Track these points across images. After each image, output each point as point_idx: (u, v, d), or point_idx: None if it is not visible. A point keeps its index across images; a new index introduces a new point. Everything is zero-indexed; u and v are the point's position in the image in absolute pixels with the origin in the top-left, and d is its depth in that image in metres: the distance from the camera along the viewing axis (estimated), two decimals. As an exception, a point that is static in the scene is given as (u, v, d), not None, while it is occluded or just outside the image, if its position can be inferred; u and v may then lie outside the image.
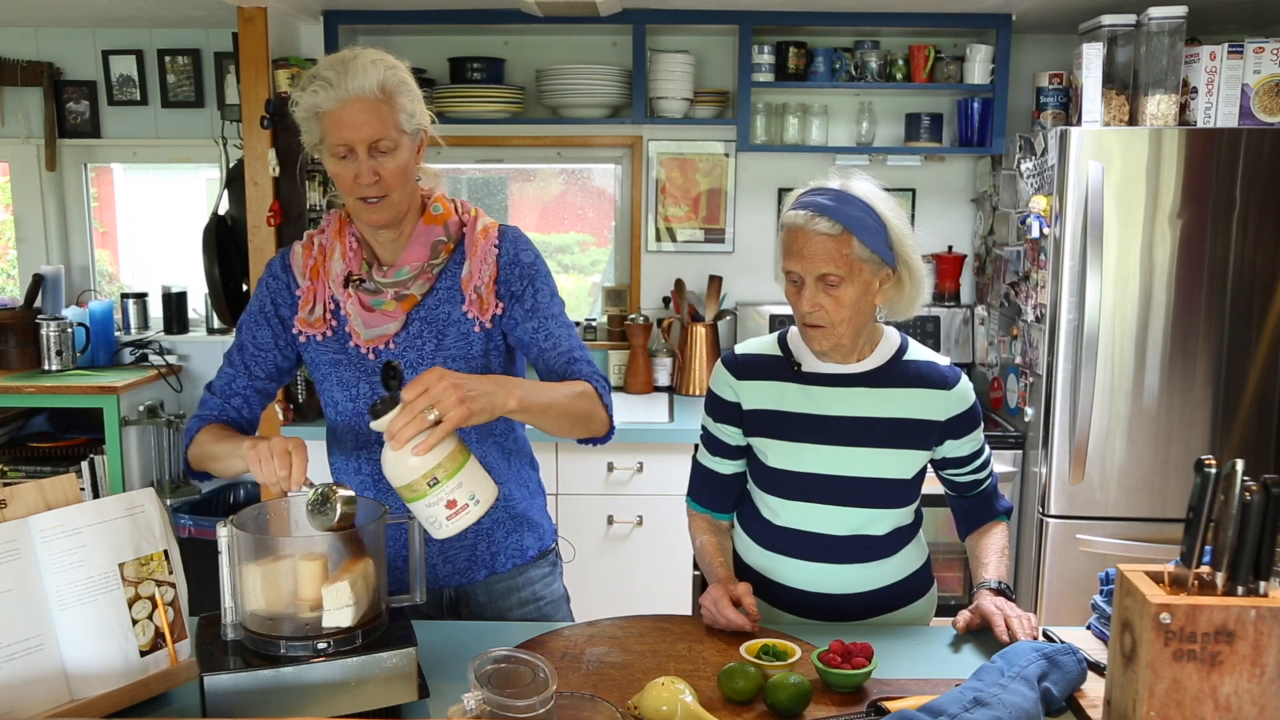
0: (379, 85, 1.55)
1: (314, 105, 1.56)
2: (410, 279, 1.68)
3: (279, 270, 1.76)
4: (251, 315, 1.76)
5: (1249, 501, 1.15)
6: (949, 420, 1.75)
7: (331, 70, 1.55)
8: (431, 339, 1.70)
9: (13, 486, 1.37)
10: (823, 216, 1.61)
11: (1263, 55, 2.97)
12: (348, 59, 1.55)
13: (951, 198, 3.73)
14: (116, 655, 1.39)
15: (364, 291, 1.69)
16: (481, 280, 1.69)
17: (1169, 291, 2.96)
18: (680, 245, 3.75)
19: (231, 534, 1.37)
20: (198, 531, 3.34)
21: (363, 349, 1.70)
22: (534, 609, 1.82)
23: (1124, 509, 3.03)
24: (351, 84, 1.53)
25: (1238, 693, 1.16)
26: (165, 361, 3.80)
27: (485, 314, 1.69)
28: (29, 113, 3.82)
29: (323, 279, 1.71)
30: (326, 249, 1.72)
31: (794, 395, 1.74)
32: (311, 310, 1.71)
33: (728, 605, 1.64)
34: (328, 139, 1.58)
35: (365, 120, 1.55)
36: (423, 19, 3.41)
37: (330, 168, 1.61)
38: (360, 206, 1.62)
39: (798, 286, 1.66)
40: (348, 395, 1.72)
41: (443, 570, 1.76)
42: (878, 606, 1.78)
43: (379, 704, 1.35)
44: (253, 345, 1.74)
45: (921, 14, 3.36)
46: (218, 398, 1.74)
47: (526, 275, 1.72)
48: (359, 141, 1.56)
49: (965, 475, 1.83)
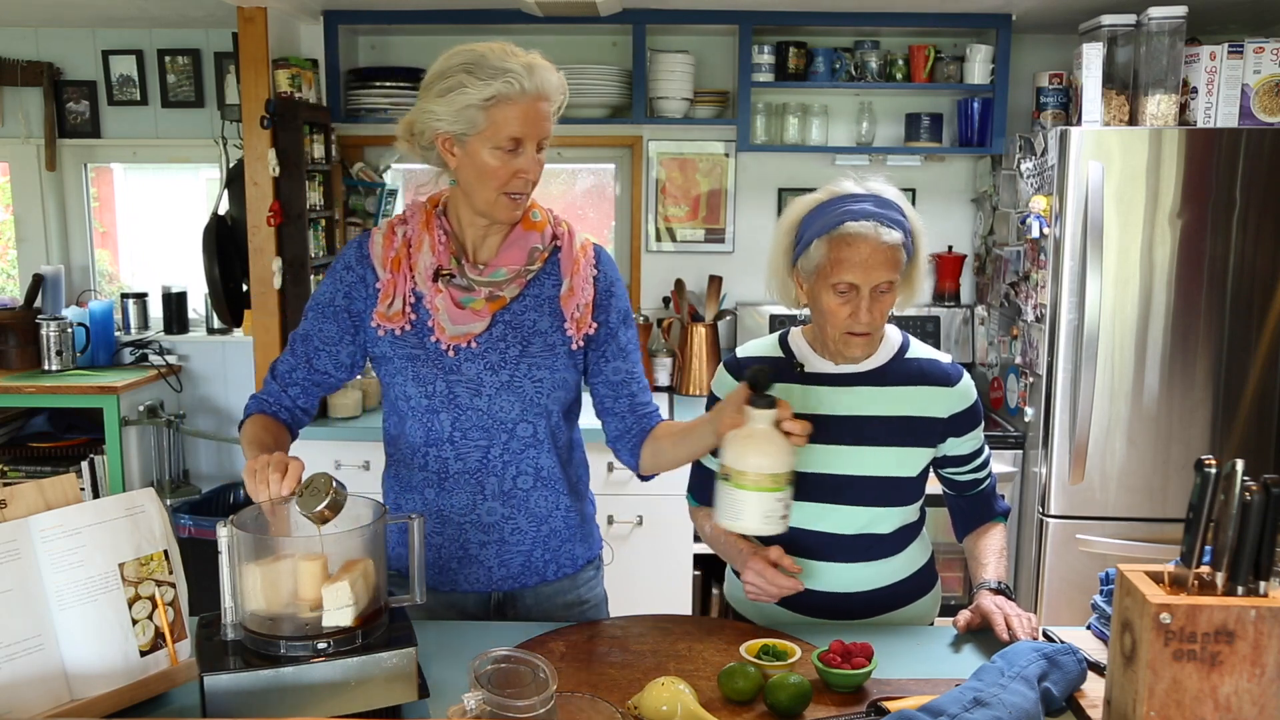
0: (558, 86, 1.62)
1: (502, 94, 1.55)
2: (506, 281, 1.67)
3: (353, 261, 1.71)
4: (319, 306, 1.72)
5: (1249, 501, 1.15)
6: (951, 417, 1.75)
7: (519, 65, 1.56)
8: (516, 344, 1.68)
9: (13, 486, 1.37)
10: (885, 225, 1.62)
11: (1263, 55, 2.97)
12: (531, 61, 1.58)
13: (951, 198, 3.73)
14: (116, 655, 1.39)
15: (455, 287, 1.66)
16: (583, 300, 1.70)
17: (1169, 291, 2.96)
18: (680, 245, 3.75)
19: (231, 534, 1.37)
20: (198, 531, 3.33)
21: (444, 345, 1.66)
22: (578, 611, 1.81)
23: (1124, 509, 3.03)
24: (542, 82, 1.58)
25: (1238, 693, 1.16)
26: (165, 361, 3.80)
27: (580, 333, 1.70)
28: (29, 113, 3.82)
29: (405, 271, 1.67)
30: (413, 240, 1.68)
31: (798, 396, 1.74)
32: (391, 304, 1.67)
33: (775, 573, 1.64)
34: (501, 130, 1.56)
35: (544, 117, 1.59)
36: (423, 19, 3.41)
37: (486, 159, 1.58)
38: (504, 201, 1.61)
39: (847, 298, 1.65)
40: (423, 392, 1.68)
41: (497, 574, 1.74)
42: (883, 604, 1.78)
43: (379, 704, 1.35)
44: (318, 338, 1.72)
45: (921, 14, 3.37)
46: (277, 384, 1.73)
47: (620, 310, 1.76)
48: (534, 137, 1.58)
49: (965, 474, 1.83)
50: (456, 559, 1.73)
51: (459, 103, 1.56)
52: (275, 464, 1.42)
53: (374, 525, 1.41)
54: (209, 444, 3.97)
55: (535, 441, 1.71)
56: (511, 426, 1.69)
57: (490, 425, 1.69)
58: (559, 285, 1.71)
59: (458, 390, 1.67)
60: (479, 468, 1.70)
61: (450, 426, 1.69)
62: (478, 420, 1.68)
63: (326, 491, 1.36)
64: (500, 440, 1.69)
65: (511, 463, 1.71)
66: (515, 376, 1.68)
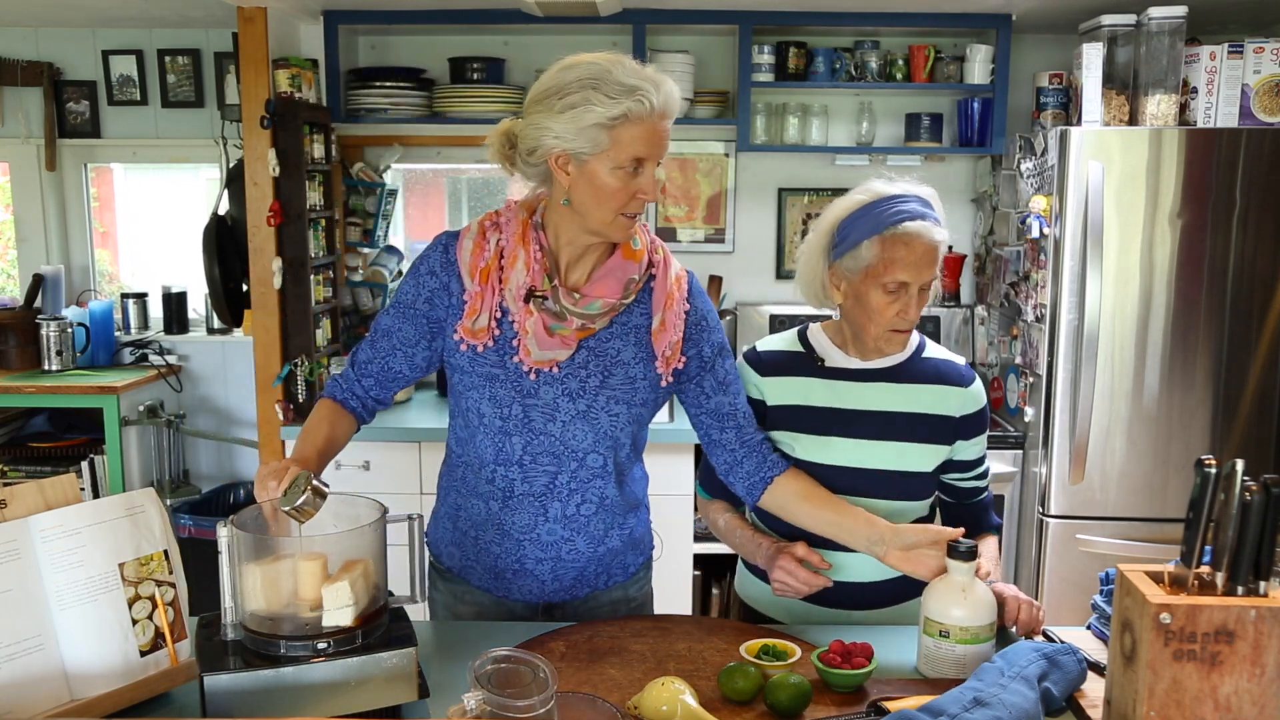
0: (679, 103, 1.56)
1: (633, 113, 1.48)
2: (599, 314, 1.61)
3: (438, 266, 1.64)
4: (401, 306, 1.66)
5: (1249, 501, 1.15)
6: (963, 417, 1.77)
7: (647, 83, 1.50)
8: (598, 373, 1.63)
9: (13, 486, 1.37)
10: (937, 225, 1.67)
11: (1263, 55, 2.97)
12: (656, 78, 1.51)
13: (951, 198, 3.73)
14: (116, 655, 1.39)
15: (546, 312, 1.59)
16: (675, 336, 1.65)
17: (1169, 291, 2.96)
18: (680, 245, 3.75)
19: (231, 534, 1.37)
20: (198, 531, 3.34)
21: (526, 367, 1.60)
22: (624, 608, 1.80)
23: (1124, 509, 3.03)
24: (668, 99, 1.52)
25: (1238, 693, 1.16)
26: (165, 361, 3.80)
27: (669, 369, 1.66)
28: (29, 113, 3.82)
29: (493, 285, 1.59)
30: (506, 252, 1.60)
31: (819, 390, 1.77)
32: (477, 319, 1.59)
33: (804, 571, 1.65)
34: (626, 149, 1.49)
35: (666, 135, 1.54)
36: (423, 19, 3.41)
37: (604, 178, 1.51)
38: (621, 222, 1.55)
39: (896, 295, 1.67)
40: (498, 413, 1.62)
41: (550, 587, 1.72)
42: (896, 595, 1.79)
43: (379, 704, 1.35)
44: (397, 337, 1.67)
45: (921, 14, 3.36)
46: (355, 372, 1.70)
47: (715, 343, 1.72)
48: (656, 156, 1.53)
49: (968, 481, 1.84)
50: (512, 570, 1.70)
51: (584, 121, 1.48)
52: (276, 471, 1.44)
53: (374, 525, 1.41)
54: (209, 444, 3.97)
55: (604, 473, 1.67)
56: (582, 456, 1.65)
57: (561, 452, 1.64)
58: (647, 316, 1.66)
59: (533, 415, 1.62)
60: (545, 492, 1.66)
61: (521, 450, 1.64)
62: (549, 446, 1.64)
63: (304, 489, 1.38)
64: (569, 468, 1.65)
65: (578, 490, 1.67)
66: (593, 407, 1.63)
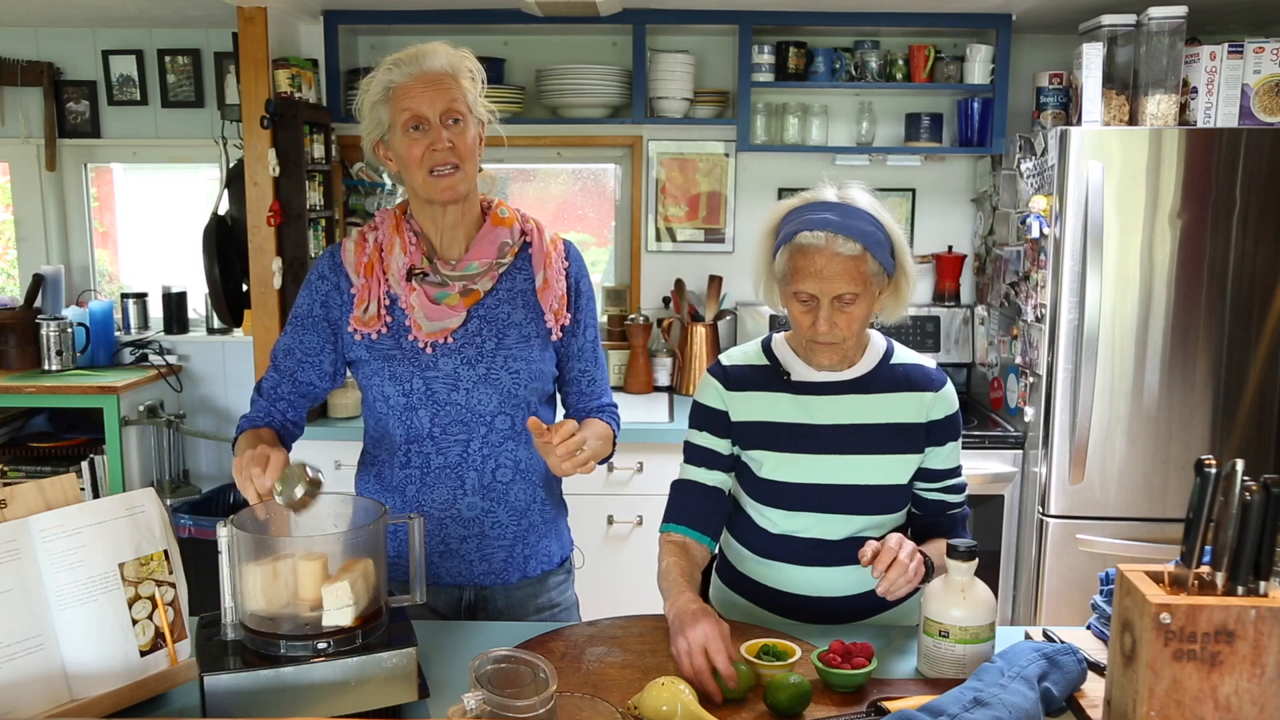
0: (448, 64, 1.66)
1: (387, 82, 1.64)
2: (479, 274, 1.72)
3: (327, 271, 1.75)
4: (298, 320, 1.76)
5: (1249, 501, 1.15)
6: (930, 422, 1.73)
7: (404, 55, 1.65)
8: (492, 337, 1.72)
9: (13, 486, 1.37)
10: (842, 236, 1.59)
11: (1263, 55, 2.97)
12: (420, 48, 1.65)
13: (951, 198, 3.73)
14: (116, 655, 1.39)
15: (429, 285, 1.70)
16: (559, 291, 1.76)
17: (1169, 291, 2.96)
18: (680, 245, 3.75)
19: (231, 534, 1.37)
20: (198, 531, 3.34)
21: (421, 342, 1.70)
22: (549, 614, 1.83)
23: (1124, 509, 3.03)
24: (424, 62, 1.64)
25: (1238, 693, 1.16)
26: (165, 361, 3.80)
27: (559, 323, 1.76)
28: (29, 113, 3.82)
29: (378, 275, 1.71)
30: (384, 245, 1.73)
31: (786, 405, 1.73)
32: (366, 308, 1.71)
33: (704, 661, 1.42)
34: (400, 115, 1.63)
35: (438, 93, 1.63)
36: (423, 19, 3.41)
37: (401, 147, 1.65)
38: (432, 182, 1.65)
39: (809, 307, 1.64)
40: (400, 390, 1.71)
41: (478, 569, 1.76)
42: (874, 607, 1.77)
43: (379, 704, 1.35)
44: (300, 350, 1.75)
45: (921, 14, 3.36)
46: (265, 400, 1.76)
47: (587, 308, 1.83)
48: (433, 110, 1.63)
49: (934, 493, 1.77)
50: (437, 553, 1.75)
51: (368, 107, 1.67)
52: (256, 459, 1.44)
53: (374, 525, 1.41)
54: (209, 444, 3.97)
55: (514, 434, 1.74)
56: (490, 419, 1.72)
57: (469, 419, 1.72)
58: (531, 279, 1.76)
59: (435, 386, 1.70)
60: (459, 462, 1.73)
61: (430, 423, 1.72)
62: (456, 415, 1.71)
63: (300, 479, 1.38)
64: (479, 434, 1.72)
65: (491, 456, 1.74)
66: (492, 369, 1.71)
